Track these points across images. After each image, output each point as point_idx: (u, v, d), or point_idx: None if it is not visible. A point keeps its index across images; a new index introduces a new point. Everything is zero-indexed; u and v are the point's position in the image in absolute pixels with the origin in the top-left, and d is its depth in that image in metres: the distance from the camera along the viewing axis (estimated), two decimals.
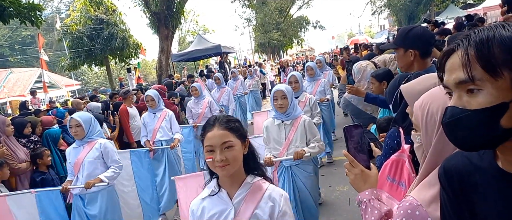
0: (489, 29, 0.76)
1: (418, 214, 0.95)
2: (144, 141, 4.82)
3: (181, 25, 24.86)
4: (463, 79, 0.76)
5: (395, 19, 33.71)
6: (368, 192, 1.21)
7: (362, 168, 1.24)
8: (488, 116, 0.73)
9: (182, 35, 37.90)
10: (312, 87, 5.63)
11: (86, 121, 3.40)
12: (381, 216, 1.16)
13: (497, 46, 0.72)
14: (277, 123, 3.22)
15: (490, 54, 0.72)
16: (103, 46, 17.96)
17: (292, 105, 3.17)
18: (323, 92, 5.61)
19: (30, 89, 19.06)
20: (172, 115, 4.93)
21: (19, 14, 6.55)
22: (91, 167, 3.39)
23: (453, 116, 0.78)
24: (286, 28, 33.80)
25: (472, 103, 0.75)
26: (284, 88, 3.17)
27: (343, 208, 4.19)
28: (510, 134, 0.74)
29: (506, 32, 0.73)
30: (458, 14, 14.81)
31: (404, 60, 2.14)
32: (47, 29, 34.51)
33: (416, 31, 2.11)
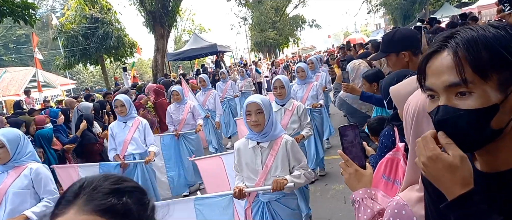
0: (472, 30, 0.75)
1: (404, 213, 1.00)
2: (113, 155, 4.15)
3: (177, 24, 24.80)
4: (455, 82, 0.74)
5: (390, 18, 33.84)
6: (361, 191, 1.22)
7: (357, 167, 1.25)
8: (480, 117, 0.73)
9: (178, 34, 37.78)
10: (303, 91, 5.16)
11: (11, 140, 2.64)
12: (374, 215, 1.17)
13: (483, 48, 0.72)
14: (251, 145, 2.50)
15: (480, 57, 0.72)
16: (98, 45, 17.89)
17: (270, 123, 2.45)
18: (315, 97, 5.14)
19: (25, 88, 18.93)
20: (146, 124, 4.32)
21: (13, 12, 6.50)
22: (17, 200, 2.62)
23: (445, 115, 0.77)
24: (282, 27, 33.83)
25: (463, 105, 0.75)
26: (260, 101, 2.43)
27: (338, 206, 4.20)
28: (496, 135, 0.75)
29: (488, 33, 0.73)
30: (453, 13, 14.89)
31: (398, 64, 2.13)
32: (41, 28, 34.25)
33: (400, 33, 2.12)
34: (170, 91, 6.08)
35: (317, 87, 5.21)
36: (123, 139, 4.12)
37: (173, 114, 5.49)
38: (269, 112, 2.45)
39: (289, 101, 3.83)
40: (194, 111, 5.53)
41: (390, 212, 1.03)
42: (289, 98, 3.85)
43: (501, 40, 0.72)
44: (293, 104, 3.81)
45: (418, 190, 1.04)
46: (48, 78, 25.58)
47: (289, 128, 3.74)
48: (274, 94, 3.86)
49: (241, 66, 18.56)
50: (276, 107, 3.81)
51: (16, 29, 36.50)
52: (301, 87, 5.23)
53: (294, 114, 3.77)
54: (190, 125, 5.45)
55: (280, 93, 3.78)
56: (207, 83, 6.96)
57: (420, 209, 0.99)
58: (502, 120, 0.74)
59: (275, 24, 33.13)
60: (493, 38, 0.73)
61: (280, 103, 3.85)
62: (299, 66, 5.33)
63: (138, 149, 4.17)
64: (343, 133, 1.26)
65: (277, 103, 3.86)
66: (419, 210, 0.99)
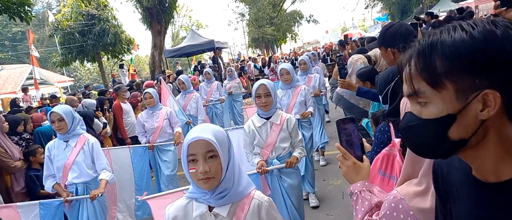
0: (435, 35, 0.72)
1: (401, 207, 1.01)
2: (53, 185, 3.24)
3: (174, 20, 24.74)
4: (409, 93, 0.75)
5: (388, 12, 33.80)
6: (359, 184, 1.24)
7: (354, 160, 1.26)
8: (435, 126, 0.72)
9: (175, 31, 37.66)
10: (288, 97, 4.35)
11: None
12: (371, 207, 1.19)
13: (439, 55, 0.69)
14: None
15: (431, 66, 0.69)
16: (95, 42, 17.81)
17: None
18: (303, 103, 4.32)
19: (22, 86, 18.82)
20: (94, 143, 3.27)
21: (8, 9, 6.44)
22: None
23: (407, 122, 0.78)
24: (280, 22, 33.73)
25: (423, 114, 0.74)
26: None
27: (336, 202, 4.22)
28: (459, 146, 0.72)
29: (448, 38, 0.69)
30: (450, 7, 14.88)
31: (387, 58, 2.19)
32: (38, 25, 34.06)
33: (393, 29, 2.13)
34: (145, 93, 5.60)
35: (306, 92, 4.33)
36: (63, 162, 3.18)
37: (146, 122, 4.64)
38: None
39: (276, 114, 3.03)
40: (171, 117, 4.73)
41: (387, 206, 1.05)
42: (275, 109, 3.06)
43: (461, 46, 0.67)
44: (281, 117, 3.03)
45: (416, 184, 1.05)
46: (45, 76, 25.44)
47: (278, 147, 3.01)
48: (258, 104, 2.98)
49: (239, 62, 18.54)
50: (259, 122, 3.02)
51: (12, 26, 36.27)
52: (286, 93, 4.37)
53: (283, 129, 3.01)
54: (167, 134, 4.67)
55: (265, 103, 2.93)
56: (187, 85, 6.16)
57: (416, 203, 1.00)
58: (464, 130, 0.70)
59: (272, 20, 33.03)
60: (451, 44, 0.68)
61: (264, 116, 3.02)
62: (283, 68, 4.33)
63: (82, 176, 3.21)
64: (340, 126, 1.27)
65: (260, 116, 3.04)
66: (415, 204, 1.00)
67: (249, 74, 15.24)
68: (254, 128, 3.03)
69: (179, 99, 6.16)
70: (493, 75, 0.65)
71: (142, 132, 4.69)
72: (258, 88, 2.91)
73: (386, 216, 1.04)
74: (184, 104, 6.07)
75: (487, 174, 0.74)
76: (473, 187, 0.77)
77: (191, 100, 6.12)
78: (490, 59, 0.65)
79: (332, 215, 3.94)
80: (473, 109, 0.68)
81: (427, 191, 1.01)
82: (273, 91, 2.93)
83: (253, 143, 3.06)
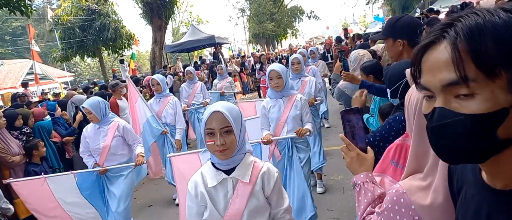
0: (477, 15, 0.61)
1: (403, 201, 1.00)
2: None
3: (174, 16, 24.63)
4: (454, 81, 0.61)
5: (389, 8, 33.66)
6: (363, 175, 1.23)
7: (358, 151, 1.26)
8: (485, 123, 0.60)
9: (176, 26, 37.56)
10: (279, 109, 3.39)
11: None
12: (374, 198, 1.18)
13: (491, 38, 0.58)
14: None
15: (485, 50, 0.58)
16: (95, 37, 17.75)
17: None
18: (298, 117, 3.39)
19: (22, 81, 18.83)
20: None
21: (8, 3, 6.42)
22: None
23: (442, 119, 0.64)
24: (281, 18, 33.67)
25: (468, 108, 0.61)
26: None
27: (337, 197, 4.22)
28: (504, 146, 0.62)
29: (498, 20, 0.59)
30: (452, 3, 14.82)
31: (393, 50, 2.16)
32: (38, 20, 33.99)
33: (403, 20, 2.12)
34: None
35: (302, 103, 3.40)
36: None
37: (90, 140, 3.61)
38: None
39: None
40: (125, 133, 3.68)
41: (389, 199, 1.04)
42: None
43: None
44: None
45: (420, 179, 1.04)
46: (46, 71, 25.45)
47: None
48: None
49: (239, 58, 18.49)
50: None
51: (12, 21, 36.20)
52: (276, 103, 3.44)
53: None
54: (118, 156, 3.66)
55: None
56: (163, 87, 4.97)
57: (418, 198, 0.99)
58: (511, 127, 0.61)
59: (273, 15, 32.95)
60: (503, 26, 0.58)
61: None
62: (273, 70, 3.33)
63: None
64: (345, 117, 1.26)
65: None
66: (417, 199, 0.99)
67: (249, 70, 15.21)
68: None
69: (152, 105, 5.01)
70: None
71: (87, 150, 3.68)
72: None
73: (388, 210, 1.03)
74: (158, 110, 4.94)
75: (498, 180, 0.67)
76: (479, 190, 0.72)
77: (167, 106, 4.93)
78: None
79: (333, 210, 3.94)
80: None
81: (429, 186, 1.00)
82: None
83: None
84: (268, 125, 3.49)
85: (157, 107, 4.99)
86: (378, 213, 1.07)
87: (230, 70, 13.77)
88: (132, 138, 3.75)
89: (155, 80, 4.95)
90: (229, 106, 1.59)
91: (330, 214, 3.87)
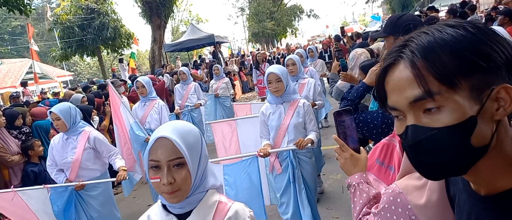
0: (427, 34, 0.65)
1: (399, 201, 1.00)
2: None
3: (173, 15, 24.62)
4: (419, 96, 0.63)
5: (388, 7, 33.67)
6: (357, 176, 1.23)
7: (352, 152, 1.26)
8: (458, 133, 0.61)
9: (175, 25, 37.52)
10: (279, 117, 3.07)
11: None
12: (369, 199, 1.18)
13: (444, 52, 0.62)
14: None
15: (441, 62, 0.61)
16: (95, 36, 17.76)
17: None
18: (301, 125, 3.08)
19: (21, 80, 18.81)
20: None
21: (7, 2, 6.42)
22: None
23: (417, 137, 0.65)
24: (280, 17, 33.62)
25: (438, 121, 0.63)
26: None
27: (336, 196, 4.23)
28: (481, 154, 0.64)
29: (446, 35, 0.63)
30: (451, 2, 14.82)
31: None
32: (37, 19, 33.94)
33: (405, 18, 2.11)
34: None
35: (306, 109, 3.08)
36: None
37: (57, 153, 3.17)
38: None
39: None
40: (98, 145, 3.22)
41: (386, 199, 1.04)
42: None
43: (462, 41, 0.62)
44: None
45: (416, 178, 1.04)
46: (45, 70, 25.43)
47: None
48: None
49: (239, 57, 18.48)
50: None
51: (12, 20, 36.17)
52: (276, 110, 3.10)
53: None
54: (90, 171, 3.22)
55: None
56: (148, 90, 4.53)
57: (415, 197, 0.99)
58: (484, 135, 0.62)
59: (272, 14, 32.92)
60: (452, 40, 0.62)
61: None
62: (271, 73, 2.98)
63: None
64: (337, 118, 1.26)
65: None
66: (414, 198, 0.99)
67: (248, 69, 15.21)
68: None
69: (136, 109, 4.61)
70: (499, 70, 0.61)
71: (55, 165, 3.23)
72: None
73: (385, 210, 1.03)
74: (142, 116, 4.51)
75: (481, 187, 0.68)
76: (468, 197, 0.72)
77: (152, 110, 4.50)
78: (491, 53, 0.61)
79: (332, 209, 3.94)
80: (489, 109, 0.62)
81: (424, 185, 1.00)
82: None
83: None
84: (268, 133, 3.16)
85: (141, 112, 4.55)
86: (374, 214, 1.07)
87: (230, 69, 13.76)
88: (107, 149, 3.28)
89: (140, 83, 4.51)
90: (184, 129, 1.17)
91: (329, 213, 3.87)
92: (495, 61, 0.61)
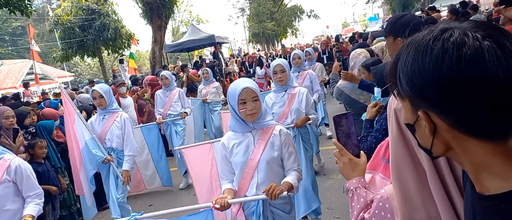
0: (408, 55, 0.70)
1: (388, 206, 1.04)
2: None
3: (174, 15, 24.65)
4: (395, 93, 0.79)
5: (389, 8, 33.66)
6: (355, 181, 1.24)
7: (351, 156, 1.26)
8: (411, 130, 0.76)
9: (176, 26, 37.56)
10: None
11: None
12: (367, 203, 1.19)
13: (398, 70, 0.71)
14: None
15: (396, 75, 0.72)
16: (95, 37, 17.77)
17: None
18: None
19: (22, 81, 18.86)
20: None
21: (8, 3, 6.44)
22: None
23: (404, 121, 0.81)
24: (280, 17, 33.66)
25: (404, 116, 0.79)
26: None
27: (337, 196, 4.23)
28: (430, 154, 0.74)
29: (404, 56, 0.69)
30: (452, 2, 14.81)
31: (394, 48, 2.16)
32: (38, 20, 33.97)
33: (405, 19, 2.12)
34: None
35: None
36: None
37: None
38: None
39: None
40: (18, 177, 2.54)
41: (375, 205, 1.08)
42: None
43: (404, 67, 0.68)
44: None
45: None
46: (46, 71, 25.49)
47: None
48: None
49: (239, 57, 18.47)
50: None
51: (12, 21, 36.22)
52: (242, 139, 2.29)
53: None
54: (4, 212, 2.47)
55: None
56: (108, 100, 3.74)
57: None
58: (424, 141, 0.73)
59: (273, 15, 32.94)
60: (403, 64, 0.69)
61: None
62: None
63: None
64: (337, 122, 1.27)
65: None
66: None
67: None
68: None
69: (94, 124, 3.84)
70: (423, 98, 0.67)
71: None
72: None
73: (375, 215, 1.07)
74: (101, 131, 3.77)
75: (476, 185, 0.72)
76: (471, 195, 0.76)
77: (113, 125, 3.75)
78: (418, 84, 0.65)
79: (333, 209, 3.95)
80: (421, 123, 0.70)
81: None
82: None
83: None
84: (231, 173, 2.29)
85: (99, 127, 3.79)
86: (366, 219, 1.10)
87: (230, 69, 13.75)
88: (29, 187, 2.56)
89: (97, 92, 3.68)
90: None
91: (330, 213, 3.88)
92: (419, 90, 0.67)
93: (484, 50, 0.58)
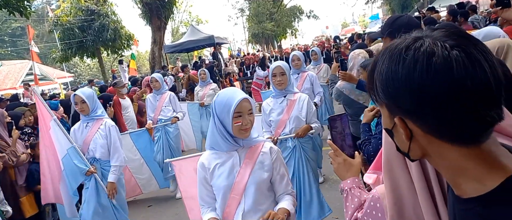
0: (382, 54, 0.72)
1: (379, 206, 1.06)
2: None
3: (173, 16, 24.65)
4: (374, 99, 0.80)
5: (388, 8, 33.69)
6: (349, 181, 1.26)
7: (345, 157, 1.27)
8: (389, 135, 0.78)
9: (175, 26, 37.55)
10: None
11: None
12: (361, 203, 1.21)
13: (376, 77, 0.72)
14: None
15: (374, 83, 0.73)
16: (95, 37, 17.78)
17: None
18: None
19: (22, 81, 18.87)
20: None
21: (8, 4, 6.45)
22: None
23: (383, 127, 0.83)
24: (280, 18, 33.64)
25: (383, 121, 0.81)
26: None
27: (337, 196, 4.24)
28: (409, 157, 0.75)
29: (380, 64, 0.70)
30: (451, 2, 14.83)
31: None
32: (37, 21, 33.98)
33: (401, 20, 2.13)
34: None
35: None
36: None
37: None
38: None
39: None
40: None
41: (367, 204, 1.10)
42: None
43: (381, 76, 0.69)
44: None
45: None
46: (45, 72, 25.48)
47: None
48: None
49: (239, 58, 18.47)
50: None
51: (12, 22, 36.20)
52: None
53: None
54: None
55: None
56: (91, 106, 3.42)
57: None
58: (401, 145, 0.75)
59: (272, 15, 32.94)
60: (380, 71, 0.70)
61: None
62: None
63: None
64: (332, 123, 1.28)
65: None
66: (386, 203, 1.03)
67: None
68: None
69: (76, 132, 3.49)
70: (398, 106, 0.68)
71: None
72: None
73: (367, 215, 1.09)
74: (84, 140, 3.45)
75: (453, 188, 0.73)
76: (451, 198, 0.77)
77: (97, 134, 3.44)
78: (392, 93, 0.67)
79: (332, 209, 3.95)
80: (399, 129, 0.71)
81: None
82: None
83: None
84: (212, 199, 1.97)
85: (82, 135, 3.45)
86: (359, 218, 1.12)
87: (229, 70, 13.75)
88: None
89: (79, 97, 3.36)
90: None
91: (329, 215, 3.88)
92: (394, 98, 0.68)
93: (452, 59, 0.60)
